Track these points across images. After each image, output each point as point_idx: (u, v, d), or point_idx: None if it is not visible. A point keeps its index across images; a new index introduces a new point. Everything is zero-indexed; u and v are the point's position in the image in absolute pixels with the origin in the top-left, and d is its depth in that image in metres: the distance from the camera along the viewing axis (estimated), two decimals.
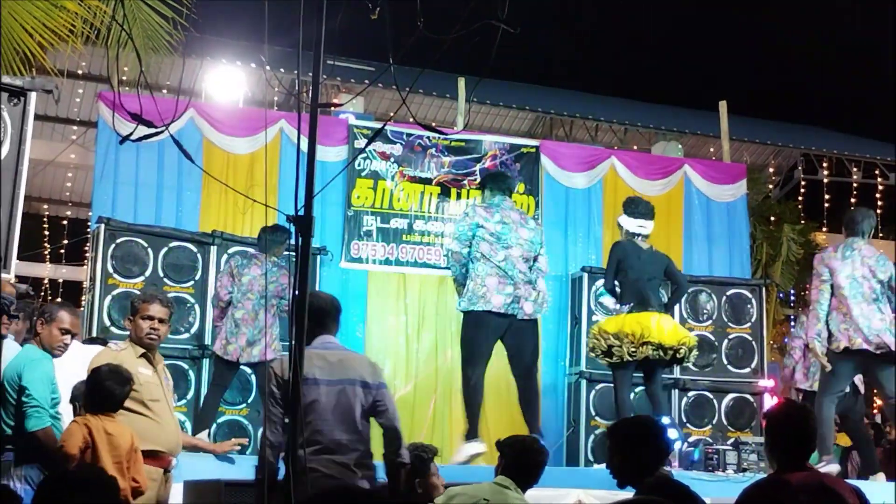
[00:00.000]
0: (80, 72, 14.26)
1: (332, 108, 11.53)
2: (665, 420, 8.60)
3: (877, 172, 18.71)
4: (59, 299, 17.34)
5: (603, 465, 8.66)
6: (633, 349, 9.03)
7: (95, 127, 11.63)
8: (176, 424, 6.37)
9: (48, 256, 18.12)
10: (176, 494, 6.44)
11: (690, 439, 10.97)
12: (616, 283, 9.42)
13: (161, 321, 6.23)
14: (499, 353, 10.82)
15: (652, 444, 5.01)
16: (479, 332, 8.72)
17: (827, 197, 18.63)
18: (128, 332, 6.46)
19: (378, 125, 11.58)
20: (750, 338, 11.80)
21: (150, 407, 5.97)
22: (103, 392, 5.69)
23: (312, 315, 5.27)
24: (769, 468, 4.77)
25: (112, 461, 5.52)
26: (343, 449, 5.26)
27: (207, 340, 9.93)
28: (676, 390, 11.42)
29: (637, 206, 9.69)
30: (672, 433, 8.34)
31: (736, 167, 13.52)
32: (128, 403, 5.88)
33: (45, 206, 18.09)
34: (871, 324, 8.66)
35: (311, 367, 5.20)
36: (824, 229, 18.60)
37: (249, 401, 10.08)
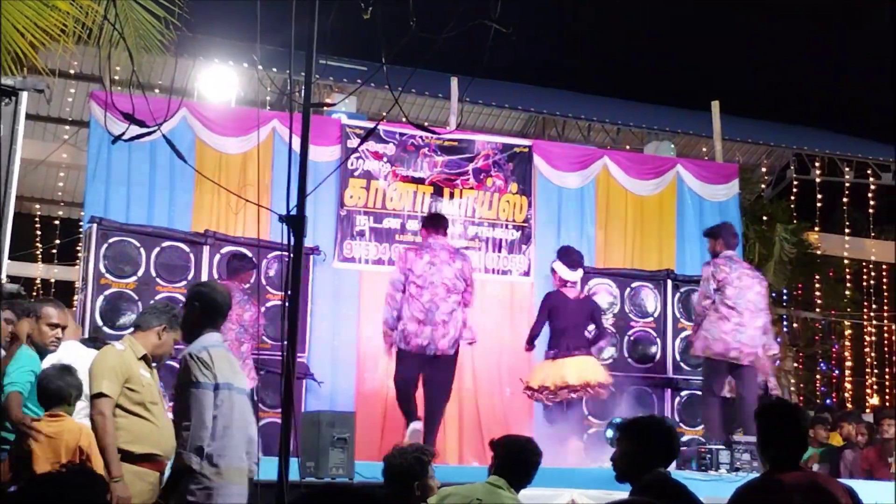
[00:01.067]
0: (71, 71, 14.21)
1: (325, 108, 11.52)
2: None
3: (869, 172, 18.71)
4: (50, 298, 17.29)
5: (595, 466, 8.73)
6: (552, 396, 10.09)
7: (87, 126, 11.60)
8: (171, 428, 6.35)
9: (40, 256, 18.07)
10: None
11: (684, 439, 10.98)
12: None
13: None
14: (495, 350, 10.86)
15: (653, 443, 5.04)
16: (400, 369, 9.72)
17: (819, 197, 18.63)
18: (120, 333, 6.45)
19: (371, 125, 11.56)
20: None
21: (150, 409, 5.95)
22: (40, 388, 5.72)
23: (212, 307, 5.43)
24: (762, 468, 4.77)
25: (49, 463, 5.54)
26: (249, 458, 5.44)
27: None
28: (669, 390, 11.44)
29: (577, 258, 10.59)
30: None
31: (728, 167, 13.54)
32: (129, 406, 5.86)
33: (37, 206, 18.02)
34: (749, 332, 9.62)
35: (223, 371, 5.36)
36: (816, 229, 18.61)
37: None
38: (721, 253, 9.91)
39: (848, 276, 19.67)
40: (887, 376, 20.67)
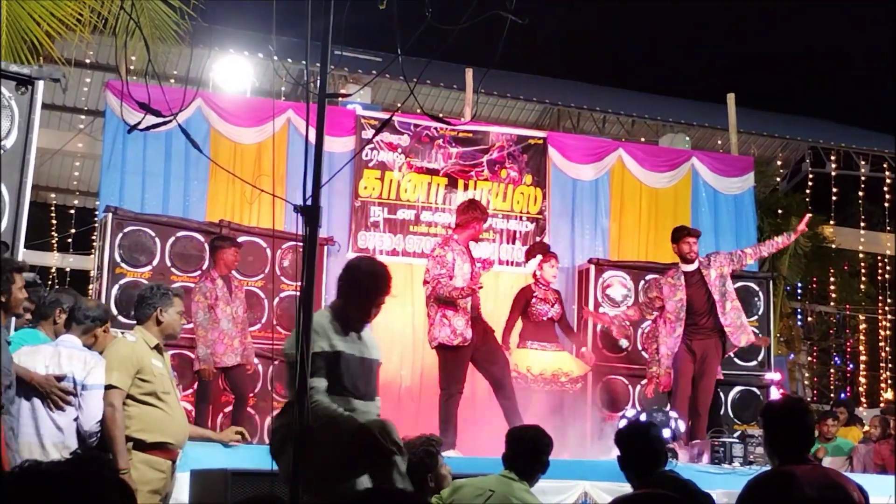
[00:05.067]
0: (87, 61, 14.25)
1: (340, 99, 11.53)
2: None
3: (885, 165, 18.66)
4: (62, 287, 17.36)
5: (608, 458, 8.74)
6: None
7: (103, 116, 11.63)
8: (184, 417, 6.38)
9: (56, 245, 18.14)
10: (182, 483, 6.45)
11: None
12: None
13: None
14: None
15: (641, 447, 5.19)
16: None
17: (835, 190, 18.58)
18: (131, 322, 6.47)
19: (385, 116, 11.57)
20: (757, 331, 11.79)
21: (163, 399, 5.98)
22: None
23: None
24: (770, 462, 4.78)
25: None
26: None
27: None
28: None
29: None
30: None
31: (743, 160, 13.50)
32: (142, 396, 5.90)
33: (53, 195, 18.11)
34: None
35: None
36: (832, 222, 18.56)
37: (256, 391, 10.09)
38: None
39: (863, 270, 19.62)
40: None
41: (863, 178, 18.76)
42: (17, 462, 5.76)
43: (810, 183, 18.52)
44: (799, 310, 19.85)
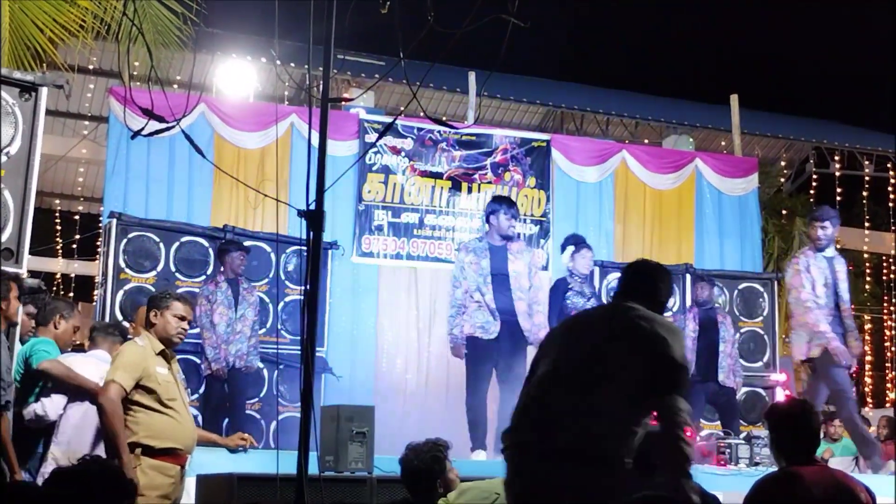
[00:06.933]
0: (90, 67, 14.25)
1: (343, 103, 11.55)
2: None
3: (889, 166, 18.63)
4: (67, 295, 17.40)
5: None
6: None
7: (107, 122, 11.64)
8: (192, 422, 6.38)
9: (60, 251, 18.15)
10: (188, 489, 6.45)
11: (703, 433, 10.96)
12: None
13: (189, 323, 6.32)
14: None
15: (647, 449, 5.22)
16: None
17: (839, 191, 18.56)
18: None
19: (389, 119, 11.56)
20: (762, 332, 11.79)
21: (169, 405, 5.98)
22: None
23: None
24: (777, 463, 4.77)
25: None
26: None
27: None
28: None
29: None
30: None
31: (747, 161, 13.49)
32: (147, 402, 5.90)
33: (57, 201, 18.13)
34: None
35: None
36: None
37: (261, 395, 10.09)
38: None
39: (867, 271, 19.59)
40: None
41: (867, 179, 18.73)
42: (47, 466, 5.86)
43: (814, 183, 18.51)
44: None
